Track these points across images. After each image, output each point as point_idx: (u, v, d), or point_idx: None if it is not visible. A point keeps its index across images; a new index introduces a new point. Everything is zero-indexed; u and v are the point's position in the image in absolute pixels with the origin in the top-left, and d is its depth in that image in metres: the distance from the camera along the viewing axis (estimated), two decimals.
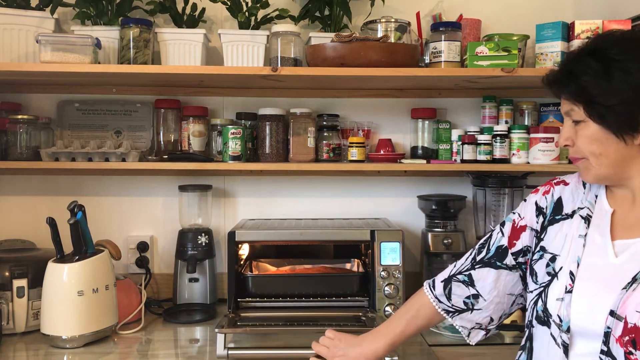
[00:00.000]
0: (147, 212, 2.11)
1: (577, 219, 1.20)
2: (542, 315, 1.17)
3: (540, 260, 1.22)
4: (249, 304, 1.79)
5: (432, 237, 1.97)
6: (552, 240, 1.22)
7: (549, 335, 1.15)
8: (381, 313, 1.73)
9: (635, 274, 1.06)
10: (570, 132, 1.14)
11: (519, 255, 1.29)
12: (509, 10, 2.11)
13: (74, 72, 1.74)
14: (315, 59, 1.78)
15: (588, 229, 1.17)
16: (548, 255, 1.21)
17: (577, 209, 1.22)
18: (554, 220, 1.25)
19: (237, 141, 1.90)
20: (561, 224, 1.22)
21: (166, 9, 1.93)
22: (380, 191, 2.15)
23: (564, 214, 1.24)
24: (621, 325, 1.03)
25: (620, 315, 1.04)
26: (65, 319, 1.58)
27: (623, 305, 1.04)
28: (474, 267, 1.32)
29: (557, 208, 1.26)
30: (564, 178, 1.31)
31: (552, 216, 1.26)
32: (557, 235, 1.22)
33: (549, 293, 1.16)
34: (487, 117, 2.07)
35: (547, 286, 1.17)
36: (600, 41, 1.13)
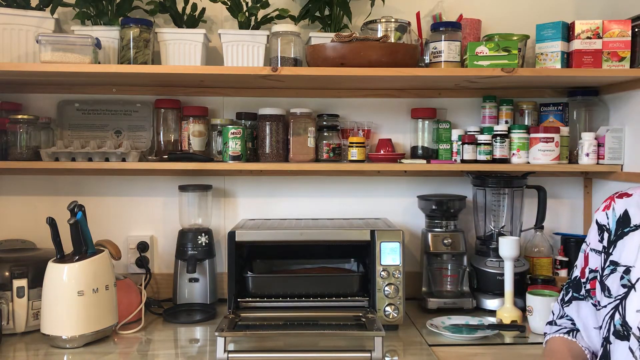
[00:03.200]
0: (147, 212, 2.11)
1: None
2: (621, 329, 1.14)
3: (612, 275, 1.20)
4: (249, 304, 1.78)
5: (432, 237, 1.97)
6: (623, 253, 1.21)
7: (627, 350, 1.12)
8: (381, 313, 1.72)
9: None
10: None
11: (587, 282, 1.29)
12: (509, 10, 2.11)
13: (74, 72, 1.74)
14: (315, 59, 1.78)
15: None
16: (621, 268, 1.19)
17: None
18: (622, 233, 1.23)
19: (237, 141, 1.89)
20: (631, 236, 1.21)
21: (166, 9, 1.93)
22: (380, 191, 2.15)
23: (632, 226, 1.22)
24: None
25: None
26: (65, 319, 1.58)
27: None
28: (564, 308, 1.36)
29: (624, 221, 1.24)
30: (626, 191, 1.29)
31: (620, 229, 1.24)
32: (629, 247, 1.20)
33: (627, 305, 1.14)
34: (487, 117, 2.07)
35: (624, 298, 1.15)
36: None
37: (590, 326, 1.28)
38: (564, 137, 1.96)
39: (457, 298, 1.94)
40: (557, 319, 1.38)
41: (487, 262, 1.98)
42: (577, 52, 1.84)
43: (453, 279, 1.98)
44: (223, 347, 1.48)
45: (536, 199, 2.01)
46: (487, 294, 1.97)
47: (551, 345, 1.34)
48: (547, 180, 2.07)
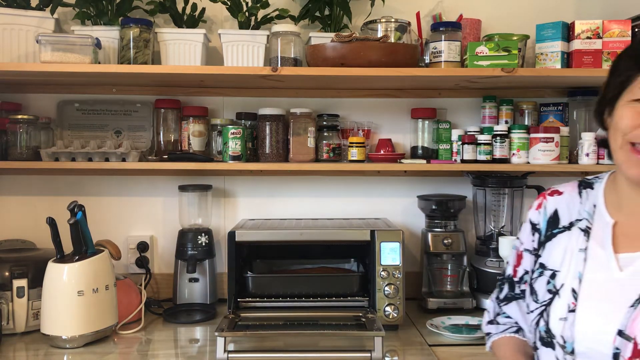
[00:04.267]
0: (147, 212, 2.11)
1: (575, 231, 1.13)
2: (546, 336, 1.10)
3: (540, 278, 1.15)
4: (249, 304, 1.78)
5: (432, 237, 1.97)
6: (550, 256, 1.15)
7: (554, 358, 1.08)
8: (381, 313, 1.72)
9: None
10: None
11: (520, 282, 1.24)
12: (509, 10, 2.11)
13: (74, 72, 1.74)
14: (315, 59, 1.78)
15: (588, 242, 1.10)
16: (548, 272, 1.14)
17: (575, 220, 1.15)
18: (551, 234, 1.18)
19: (237, 141, 1.89)
20: (559, 238, 1.15)
21: (166, 9, 1.93)
22: (380, 191, 2.15)
23: (561, 227, 1.16)
24: (630, 345, 0.97)
25: (629, 336, 0.97)
26: (65, 319, 1.58)
27: (632, 324, 0.97)
28: (501, 306, 1.29)
29: (554, 221, 1.18)
30: (557, 188, 1.23)
31: (549, 230, 1.18)
32: (556, 249, 1.15)
33: (551, 312, 1.09)
34: (487, 117, 2.07)
35: (549, 305, 1.10)
36: None
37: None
38: (564, 137, 1.95)
39: (457, 298, 1.94)
40: (497, 318, 1.30)
41: (487, 262, 1.98)
42: (577, 52, 1.84)
43: (453, 279, 1.98)
44: (223, 347, 1.48)
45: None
46: (487, 294, 1.95)
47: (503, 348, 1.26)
48: (547, 180, 2.07)
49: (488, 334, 1.31)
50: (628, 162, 1.04)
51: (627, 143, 1.03)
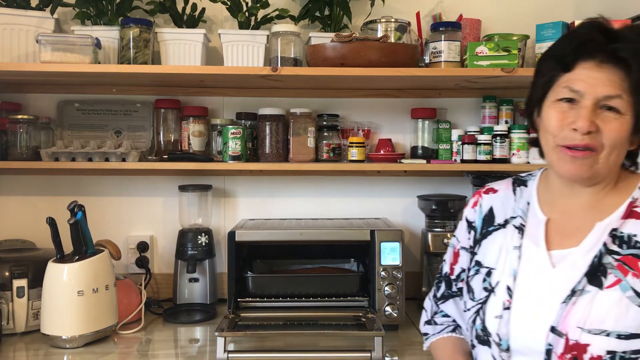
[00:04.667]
0: (147, 212, 2.11)
1: (510, 229, 1.14)
2: (482, 334, 1.10)
3: (476, 276, 1.15)
4: (249, 304, 1.78)
5: (432, 237, 1.97)
6: (486, 254, 1.16)
7: (490, 356, 1.08)
8: (381, 313, 1.72)
9: (574, 286, 1.00)
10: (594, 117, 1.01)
11: (457, 280, 1.24)
12: (509, 10, 2.11)
13: (74, 72, 1.74)
14: (315, 59, 1.78)
15: (522, 239, 1.11)
16: (484, 269, 1.14)
17: (510, 218, 1.15)
18: (487, 232, 1.18)
19: (237, 141, 1.89)
20: (494, 236, 1.16)
21: (166, 9, 1.93)
22: (380, 191, 2.15)
23: (496, 224, 1.17)
24: (562, 341, 0.98)
25: (561, 332, 0.98)
26: (65, 319, 1.58)
27: (564, 320, 0.99)
28: (438, 305, 1.29)
29: (489, 219, 1.19)
30: (492, 185, 1.24)
31: (485, 228, 1.19)
32: (491, 247, 1.15)
33: (487, 310, 1.09)
34: (487, 117, 2.07)
35: (485, 303, 1.10)
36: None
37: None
38: None
39: None
40: (434, 317, 1.31)
41: None
42: None
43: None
44: (223, 347, 1.48)
45: None
46: None
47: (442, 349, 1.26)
48: None
49: (425, 335, 1.32)
50: (560, 161, 1.05)
51: (559, 145, 1.05)
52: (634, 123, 1.02)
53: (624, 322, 0.96)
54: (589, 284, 1.00)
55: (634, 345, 0.95)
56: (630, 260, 1.00)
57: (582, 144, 1.01)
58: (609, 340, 0.95)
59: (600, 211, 1.06)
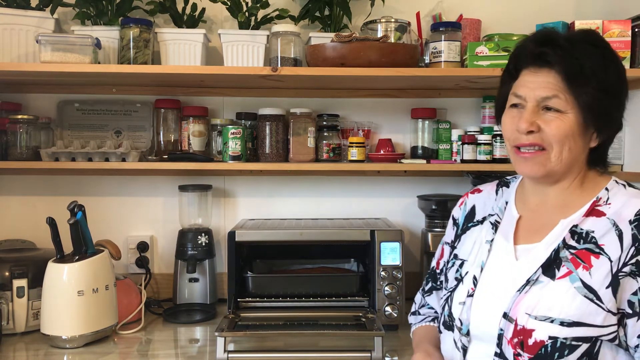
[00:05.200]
0: (147, 212, 2.11)
1: (486, 225, 1.22)
2: (448, 319, 1.19)
3: (452, 268, 1.24)
4: (249, 304, 1.78)
5: (432, 237, 1.97)
6: (462, 247, 1.25)
7: (452, 340, 1.16)
8: (381, 313, 1.72)
9: (529, 277, 1.07)
10: (535, 118, 1.09)
11: (441, 274, 1.33)
12: (509, 10, 2.11)
13: (74, 72, 1.74)
14: (315, 59, 1.78)
15: (495, 234, 1.19)
16: (458, 261, 1.23)
17: (488, 215, 1.24)
18: (466, 228, 1.27)
19: (237, 141, 1.90)
20: (472, 231, 1.25)
21: (166, 9, 1.93)
22: (380, 191, 2.15)
23: (475, 221, 1.26)
24: (512, 327, 1.05)
25: (512, 317, 1.05)
26: (65, 319, 1.58)
27: (515, 307, 1.06)
28: (425, 297, 1.40)
29: (470, 216, 1.28)
30: (479, 187, 1.33)
31: (465, 224, 1.28)
32: (467, 241, 1.24)
33: (454, 297, 1.18)
34: (487, 117, 2.07)
35: (454, 291, 1.19)
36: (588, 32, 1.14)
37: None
38: None
39: None
40: (419, 309, 1.41)
41: None
42: None
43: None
44: (223, 347, 1.48)
45: None
46: None
47: (416, 336, 1.38)
48: None
49: (410, 324, 1.45)
50: (516, 162, 1.14)
51: (513, 147, 1.14)
52: (581, 119, 1.08)
53: (568, 311, 1.02)
54: (543, 274, 1.07)
55: (575, 333, 1.01)
56: (584, 255, 1.06)
57: (527, 143, 1.10)
58: (552, 327, 1.02)
59: (566, 210, 1.13)
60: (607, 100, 1.07)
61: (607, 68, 1.08)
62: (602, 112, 1.08)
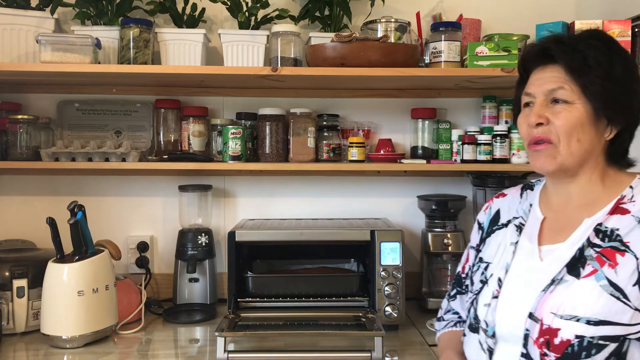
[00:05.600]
0: (147, 212, 2.11)
1: (511, 227, 1.23)
2: (474, 322, 1.18)
3: (477, 271, 1.25)
4: (249, 304, 1.78)
5: (432, 237, 1.97)
6: (487, 250, 1.25)
7: (477, 342, 1.16)
8: (381, 313, 1.72)
9: (554, 276, 1.07)
10: (544, 111, 1.11)
11: (466, 278, 1.33)
12: (509, 10, 2.11)
13: (74, 72, 1.74)
14: (315, 59, 1.78)
15: (519, 236, 1.19)
16: (483, 264, 1.24)
17: (512, 218, 1.25)
18: (491, 231, 1.28)
19: (237, 141, 1.90)
20: (496, 234, 1.26)
21: (166, 9, 1.93)
22: (380, 191, 2.15)
23: (500, 224, 1.27)
24: (538, 327, 1.05)
25: (537, 317, 1.05)
26: (65, 319, 1.58)
27: (540, 307, 1.05)
28: (450, 302, 1.40)
29: (495, 220, 1.29)
30: (504, 191, 1.34)
31: (490, 228, 1.29)
32: (492, 244, 1.25)
33: (479, 300, 1.18)
34: (487, 117, 2.07)
35: (479, 293, 1.19)
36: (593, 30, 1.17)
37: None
38: None
39: None
40: (444, 315, 1.42)
41: None
42: None
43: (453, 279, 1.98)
44: (223, 347, 1.48)
45: None
46: None
47: (441, 342, 1.37)
48: None
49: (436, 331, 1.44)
50: (531, 159, 1.16)
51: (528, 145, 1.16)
52: (590, 109, 1.09)
53: (594, 309, 1.01)
54: (568, 273, 1.07)
55: (601, 331, 1.00)
56: (609, 252, 1.05)
57: (537, 137, 1.12)
58: (578, 326, 1.01)
59: (590, 208, 1.13)
60: (615, 88, 1.08)
61: (612, 59, 1.09)
62: (610, 100, 1.08)
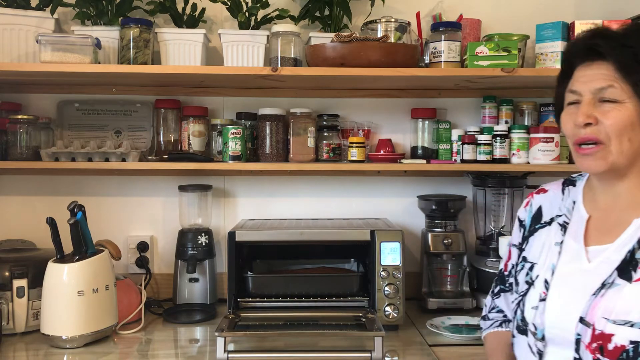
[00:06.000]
0: (147, 212, 2.11)
1: (554, 226, 1.20)
2: (521, 324, 1.17)
3: (522, 271, 1.22)
4: (249, 304, 1.78)
5: (432, 237, 1.97)
6: (531, 250, 1.23)
7: (526, 345, 1.15)
8: (381, 313, 1.72)
9: (604, 280, 1.04)
10: (592, 110, 1.07)
11: (509, 276, 1.31)
12: (509, 10, 2.11)
13: (74, 72, 1.74)
14: (315, 59, 1.78)
15: (564, 236, 1.16)
16: (528, 264, 1.21)
17: (556, 216, 1.22)
18: (534, 230, 1.25)
19: (237, 141, 1.90)
20: (540, 233, 1.23)
21: (166, 9, 1.93)
22: (380, 191, 2.15)
23: (542, 222, 1.24)
24: (589, 331, 1.02)
25: (589, 322, 1.03)
26: (65, 319, 1.58)
27: (592, 311, 1.03)
28: (494, 300, 1.38)
29: (537, 217, 1.26)
30: (544, 186, 1.31)
31: (533, 226, 1.26)
32: (536, 243, 1.22)
33: (526, 302, 1.16)
34: (487, 117, 2.07)
35: (525, 295, 1.17)
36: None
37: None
38: (564, 137, 1.94)
39: (457, 298, 1.94)
40: (489, 313, 1.39)
41: (487, 262, 1.98)
42: None
43: (453, 279, 1.98)
44: (223, 347, 1.48)
45: None
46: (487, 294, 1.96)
47: (488, 343, 1.35)
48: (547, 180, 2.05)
49: (481, 329, 1.43)
50: (578, 159, 1.13)
51: (574, 144, 1.13)
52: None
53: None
54: (619, 277, 1.03)
55: None
56: None
57: (585, 137, 1.08)
58: (632, 331, 0.98)
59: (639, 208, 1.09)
60: None
61: None
62: None
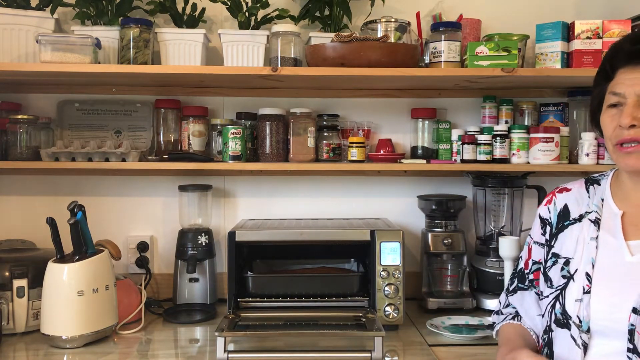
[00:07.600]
0: (147, 212, 2.11)
1: (586, 222, 1.23)
2: (562, 317, 1.19)
3: (554, 266, 1.25)
4: (249, 304, 1.78)
5: (432, 237, 1.97)
6: (563, 245, 1.26)
7: (569, 338, 1.17)
8: (381, 313, 1.72)
9: None
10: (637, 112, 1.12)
11: (530, 273, 1.34)
12: (509, 10, 2.11)
13: (74, 72, 1.74)
14: (315, 59, 1.78)
15: (598, 231, 1.20)
16: (562, 259, 1.24)
17: (585, 213, 1.25)
18: (563, 226, 1.28)
19: (237, 141, 1.90)
20: (571, 229, 1.26)
21: (166, 9, 1.93)
22: (380, 191, 2.15)
23: (572, 219, 1.27)
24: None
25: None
26: (65, 319, 1.58)
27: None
28: (508, 297, 1.41)
29: (564, 214, 1.29)
30: (565, 185, 1.34)
31: (561, 223, 1.29)
32: (568, 239, 1.25)
33: (567, 295, 1.19)
34: (487, 117, 2.07)
35: (564, 289, 1.20)
36: None
37: (533, 313, 1.33)
38: (564, 137, 1.96)
39: (457, 298, 1.94)
40: (502, 309, 1.43)
41: (487, 262, 1.98)
42: (577, 52, 1.84)
43: (453, 279, 1.98)
44: (223, 347, 1.48)
45: (536, 199, 2.00)
46: (487, 294, 1.97)
47: (503, 333, 1.39)
48: (547, 180, 2.07)
49: (494, 323, 1.46)
50: (619, 159, 1.17)
51: (615, 145, 1.17)
52: None
53: None
54: None
55: None
56: None
57: (629, 138, 1.12)
58: None
59: None
60: None
61: None
62: None
